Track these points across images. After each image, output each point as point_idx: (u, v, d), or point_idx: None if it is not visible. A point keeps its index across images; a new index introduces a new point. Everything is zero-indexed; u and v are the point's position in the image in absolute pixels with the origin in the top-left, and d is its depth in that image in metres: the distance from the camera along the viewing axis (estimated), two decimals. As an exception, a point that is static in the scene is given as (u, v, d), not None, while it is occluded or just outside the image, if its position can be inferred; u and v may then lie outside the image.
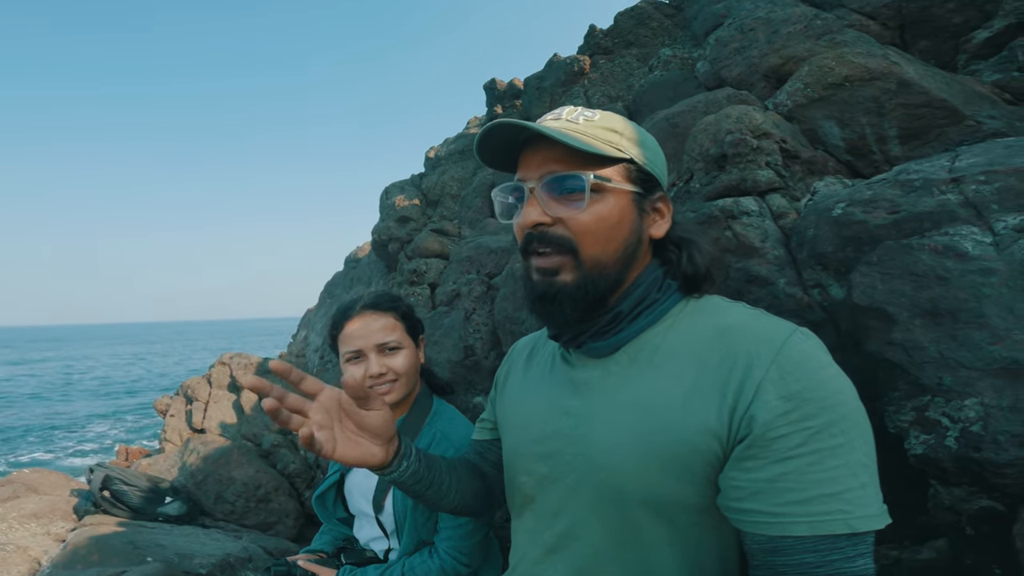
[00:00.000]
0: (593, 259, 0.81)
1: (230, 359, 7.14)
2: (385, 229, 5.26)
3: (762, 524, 0.68)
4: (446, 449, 1.36)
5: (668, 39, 4.14)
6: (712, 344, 0.77)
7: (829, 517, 0.64)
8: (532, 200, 0.82)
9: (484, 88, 5.43)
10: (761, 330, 0.75)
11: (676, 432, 0.74)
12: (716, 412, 0.72)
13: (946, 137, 1.77)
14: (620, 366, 0.84)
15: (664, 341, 0.82)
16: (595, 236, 0.81)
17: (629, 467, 0.78)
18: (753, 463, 0.69)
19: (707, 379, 0.75)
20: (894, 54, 1.93)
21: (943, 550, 1.43)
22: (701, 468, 0.74)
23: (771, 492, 0.67)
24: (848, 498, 0.64)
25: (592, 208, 0.80)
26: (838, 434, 0.66)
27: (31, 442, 16.94)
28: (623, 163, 0.83)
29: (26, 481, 4.36)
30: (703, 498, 0.76)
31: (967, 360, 1.24)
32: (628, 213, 0.83)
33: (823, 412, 0.67)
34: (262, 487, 4.45)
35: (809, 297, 1.63)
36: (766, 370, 0.70)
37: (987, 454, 1.18)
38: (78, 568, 2.97)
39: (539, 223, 0.81)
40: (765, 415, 0.68)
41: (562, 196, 0.81)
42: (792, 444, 0.66)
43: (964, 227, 1.35)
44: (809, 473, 0.65)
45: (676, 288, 0.86)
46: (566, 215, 0.80)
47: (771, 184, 1.85)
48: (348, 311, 1.43)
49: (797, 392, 0.68)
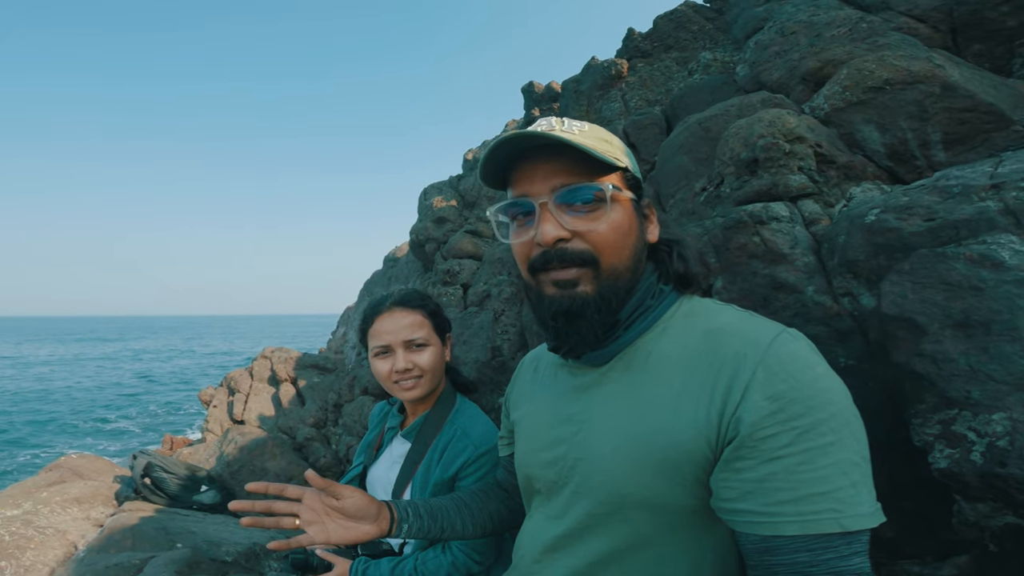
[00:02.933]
0: (611, 268, 0.81)
1: (271, 353, 7.38)
2: (423, 229, 5.35)
3: (754, 524, 0.68)
4: (465, 446, 1.38)
5: (709, 43, 4.08)
6: (701, 347, 0.77)
7: (820, 516, 0.64)
8: (547, 215, 0.79)
9: (522, 91, 5.45)
10: (748, 331, 0.75)
11: (667, 435, 0.75)
12: (705, 414, 0.72)
13: (992, 142, 1.69)
14: (616, 372, 0.85)
15: (657, 346, 0.82)
16: (613, 246, 0.80)
17: (624, 471, 0.78)
18: (743, 464, 0.69)
19: (696, 382, 0.75)
20: (939, 57, 1.85)
21: (966, 567, 1.38)
22: (691, 470, 0.74)
23: (761, 492, 0.67)
24: (839, 497, 0.64)
25: (607, 218, 0.79)
26: (827, 432, 0.65)
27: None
28: (619, 171, 0.82)
29: (73, 466, 4.58)
30: (696, 500, 0.76)
31: (997, 374, 1.19)
32: (634, 220, 0.84)
33: (810, 412, 0.66)
34: (293, 479, 4.59)
35: (838, 306, 1.59)
36: (753, 371, 0.70)
37: (1013, 470, 1.13)
38: (111, 552, 3.12)
39: (560, 239, 0.79)
40: (752, 416, 0.68)
41: (576, 208, 0.79)
42: (780, 444, 0.66)
43: (1003, 236, 1.29)
44: (798, 472, 0.65)
45: (669, 292, 0.86)
46: (584, 228, 0.79)
47: (804, 189, 1.80)
48: (378, 307, 1.46)
49: (783, 392, 0.67)
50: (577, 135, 0.79)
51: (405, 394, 1.43)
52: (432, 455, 1.42)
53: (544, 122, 0.81)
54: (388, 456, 1.52)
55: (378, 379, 1.48)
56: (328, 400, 5.47)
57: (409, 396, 1.43)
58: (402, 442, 1.49)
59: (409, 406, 1.54)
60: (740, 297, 1.75)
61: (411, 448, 1.45)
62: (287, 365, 6.95)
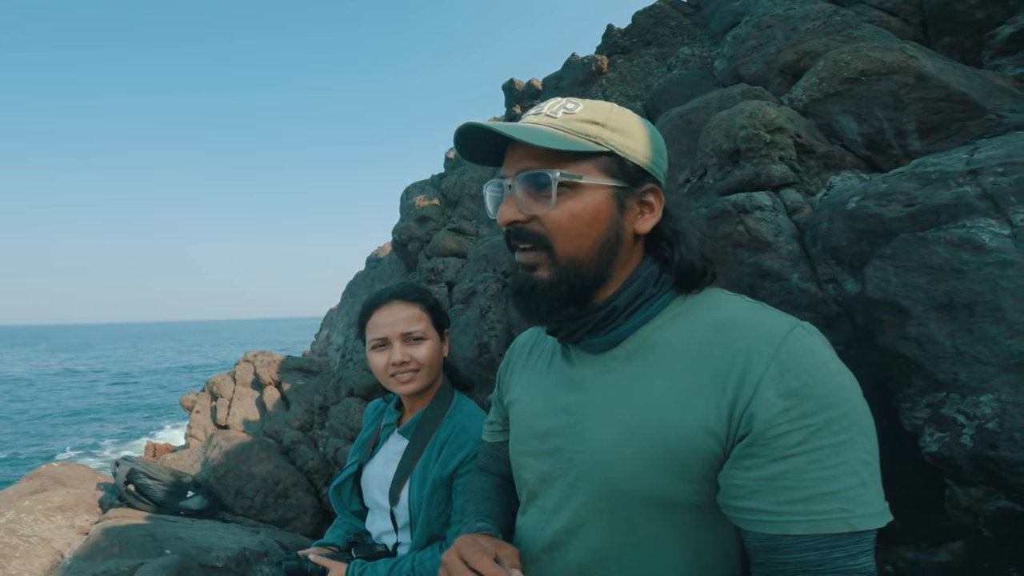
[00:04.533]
0: (567, 256, 0.80)
1: (254, 357, 7.27)
2: (405, 229, 5.32)
3: (762, 523, 0.67)
4: (464, 442, 1.37)
5: (687, 38, 4.12)
6: (711, 339, 0.75)
7: (829, 516, 0.63)
8: (509, 198, 0.81)
9: (503, 88, 5.46)
10: (761, 325, 0.73)
11: (673, 429, 0.73)
12: (715, 410, 0.71)
13: (966, 131, 1.74)
14: (618, 362, 0.83)
15: (662, 336, 0.80)
16: (568, 233, 0.79)
17: (626, 464, 0.77)
18: (753, 461, 0.68)
19: (706, 375, 0.73)
20: (912, 48, 1.89)
21: (960, 553, 1.40)
22: (698, 466, 0.73)
23: (771, 490, 0.66)
24: (849, 496, 0.63)
25: (564, 205, 0.78)
26: (839, 431, 0.65)
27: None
28: (603, 156, 0.79)
29: (54, 474, 4.46)
30: (701, 496, 0.75)
31: (983, 355, 1.22)
32: (605, 209, 0.80)
33: (824, 409, 0.65)
34: (281, 483, 4.53)
35: (823, 292, 1.62)
36: (766, 366, 0.68)
37: (1003, 452, 1.15)
38: (98, 560, 3.05)
39: (514, 220, 0.81)
40: (765, 413, 0.66)
41: (536, 193, 0.79)
42: (792, 442, 0.65)
43: (981, 219, 1.32)
44: (809, 471, 0.64)
45: (673, 283, 0.84)
46: (540, 212, 0.79)
47: (785, 179, 1.83)
48: (377, 300, 1.45)
49: (797, 389, 0.66)
50: (560, 118, 0.79)
51: (401, 388, 1.41)
52: (430, 452, 1.40)
53: (538, 106, 0.83)
54: (384, 454, 1.50)
55: (375, 373, 1.46)
56: (314, 403, 5.42)
57: (405, 390, 1.41)
58: (399, 439, 1.47)
59: (406, 402, 1.52)
60: (726, 286, 1.76)
61: (408, 445, 1.42)
62: (270, 368, 6.86)
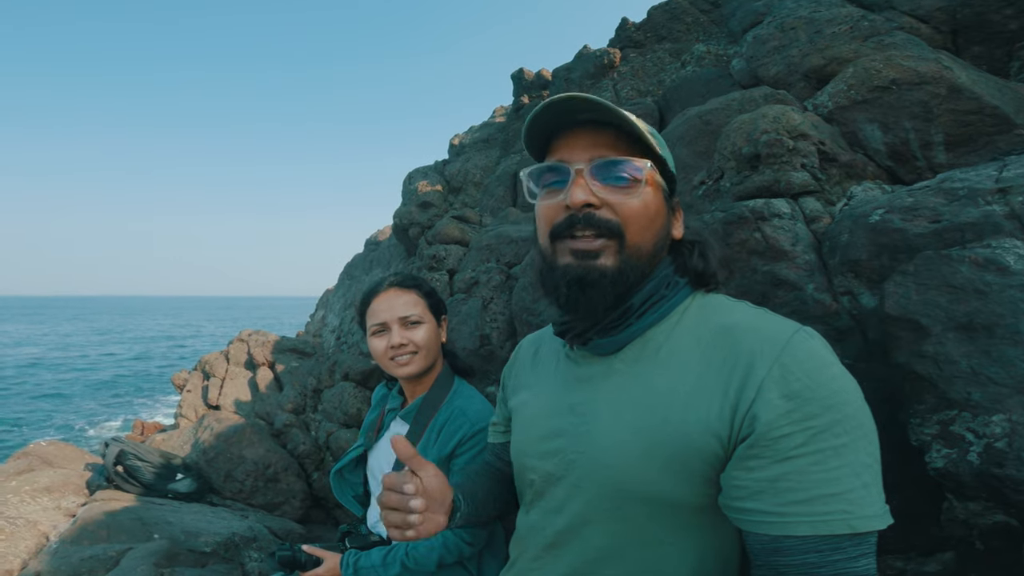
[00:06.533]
0: (635, 246, 0.81)
1: (248, 336, 7.23)
2: (407, 214, 5.26)
3: (764, 524, 0.68)
4: (462, 424, 1.42)
5: (703, 35, 4.05)
6: (716, 342, 0.77)
7: (831, 517, 0.64)
8: (580, 180, 0.81)
9: (512, 77, 5.38)
10: (765, 328, 0.75)
11: (676, 430, 0.74)
12: (718, 411, 0.72)
13: (994, 146, 1.70)
14: (624, 364, 0.84)
15: (668, 339, 0.82)
16: (639, 223, 0.81)
17: (630, 465, 0.78)
18: (755, 463, 0.69)
19: (710, 377, 0.74)
20: (947, 59, 1.85)
21: (949, 564, 1.40)
22: (700, 467, 0.74)
23: (773, 492, 0.67)
24: (850, 498, 0.64)
25: (641, 196, 0.81)
26: (841, 434, 0.66)
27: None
28: (655, 159, 0.85)
29: (42, 454, 4.39)
30: (703, 497, 0.76)
31: (999, 376, 1.20)
32: (663, 207, 0.86)
33: (826, 412, 0.66)
34: (271, 467, 4.49)
35: (838, 304, 1.59)
36: (768, 369, 0.70)
37: (1010, 471, 1.15)
38: (85, 544, 3.00)
39: (588, 203, 0.80)
40: (767, 414, 0.68)
41: (611, 181, 0.81)
42: (794, 444, 0.66)
43: (1008, 240, 1.29)
44: (811, 473, 0.65)
45: (684, 285, 0.87)
46: (615, 200, 0.80)
47: (805, 187, 1.79)
48: (375, 288, 1.53)
49: (799, 391, 0.67)
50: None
51: (400, 370, 1.46)
52: (430, 435, 1.44)
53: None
54: (387, 439, 1.55)
55: (375, 358, 1.51)
56: (307, 385, 5.38)
57: (404, 372, 1.46)
58: (401, 423, 1.52)
59: (408, 387, 1.56)
60: (738, 293, 1.74)
61: (409, 429, 1.47)
62: (264, 349, 6.81)
